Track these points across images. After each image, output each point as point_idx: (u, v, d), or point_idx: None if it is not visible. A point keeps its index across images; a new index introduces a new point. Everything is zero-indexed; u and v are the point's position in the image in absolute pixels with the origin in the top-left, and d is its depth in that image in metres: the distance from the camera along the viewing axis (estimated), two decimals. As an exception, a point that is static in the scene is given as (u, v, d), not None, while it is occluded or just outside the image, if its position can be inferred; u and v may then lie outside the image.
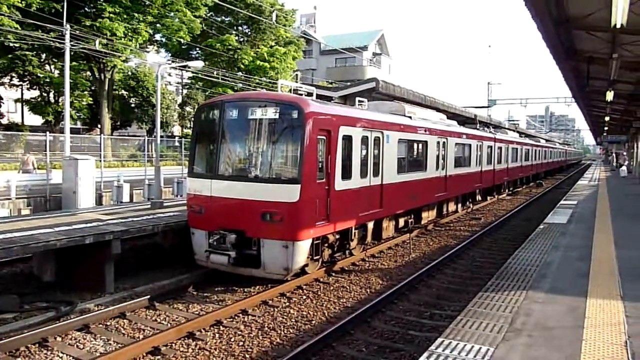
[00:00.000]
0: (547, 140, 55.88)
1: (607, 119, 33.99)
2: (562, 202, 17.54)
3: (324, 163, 9.85)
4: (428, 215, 16.45)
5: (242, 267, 9.61)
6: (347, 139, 10.61)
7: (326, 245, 10.50)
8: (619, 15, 8.45)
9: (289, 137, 9.60)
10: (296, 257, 9.25)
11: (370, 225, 12.23)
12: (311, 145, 9.38)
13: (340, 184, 10.28)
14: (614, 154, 55.29)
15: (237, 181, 9.76)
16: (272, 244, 9.29)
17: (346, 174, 10.56)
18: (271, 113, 9.63)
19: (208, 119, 10.59)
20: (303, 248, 9.37)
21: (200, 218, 10.11)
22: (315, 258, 10.01)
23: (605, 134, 49.68)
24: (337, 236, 10.84)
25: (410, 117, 14.73)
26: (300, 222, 9.24)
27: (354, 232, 11.42)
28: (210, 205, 9.92)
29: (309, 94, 11.47)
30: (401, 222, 14.32)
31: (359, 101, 13.04)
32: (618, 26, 8.94)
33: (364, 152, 11.40)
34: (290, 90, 11.69)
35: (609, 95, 18.56)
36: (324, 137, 9.83)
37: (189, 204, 10.53)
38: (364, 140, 11.41)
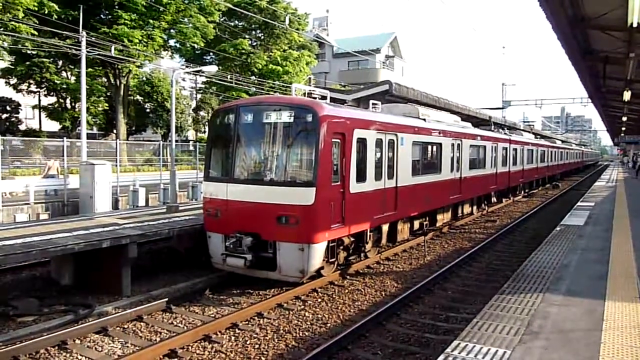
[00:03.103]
0: (563, 142, 55.20)
1: (624, 119, 33.50)
2: (579, 203, 17.32)
3: (338, 166, 9.88)
4: (443, 218, 16.38)
5: (258, 270, 9.69)
6: (362, 142, 10.63)
7: (341, 248, 10.52)
8: (636, 14, 8.36)
9: (304, 140, 9.63)
10: (312, 260, 9.29)
11: (385, 227, 12.22)
12: (326, 149, 9.42)
13: (355, 187, 10.30)
14: (631, 153, 54.36)
15: (252, 185, 9.85)
16: (287, 246, 9.35)
17: (361, 177, 10.58)
18: (286, 117, 9.70)
19: (223, 124, 10.70)
20: (318, 251, 9.41)
21: (216, 221, 10.21)
22: (330, 261, 10.05)
23: (622, 134, 48.93)
24: (352, 239, 10.85)
25: (424, 120, 14.71)
26: (315, 225, 9.28)
27: (369, 235, 11.43)
28: (227, 209, 10.01)
29: (323, 97, 11.52)
30: (416, 224, 14.29)
31: (373, 104, 13.06)
32: (634, 25, 8.85)
33: (378, 154, 11.40)
34: (304, 94, 11.75)
35: (626, 95, 18.30)
36: (339, 140, 9.86)
37: (205, 208, 10.63)
38: (378, 143, 11.41)
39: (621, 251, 8.99)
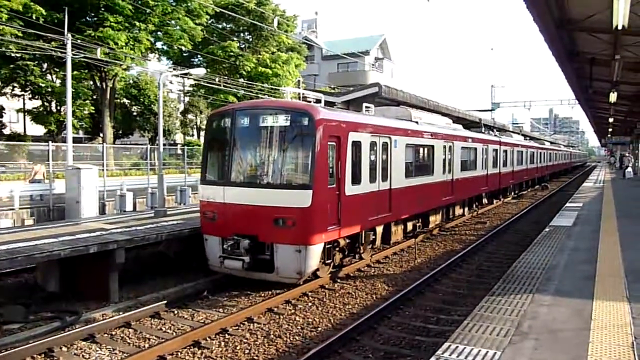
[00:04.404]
0: (551, 143, 55.81)
1: (611, 120, 33.94)
2: (567, 204, 17.52)
3: (334, 169, 10.06)
4: (435, 219, 16.53)
5: (256, 272, 9.78)
6: (356, 145, 10.81)
7: (337, 249, 10.65)
8: (620, 16, 8.51)
9: (300, 143, 9.80)
10: (309, 261, 9.42)
11: (380, 229, 12.38)
12: (322, 152, 9.57)
13: (350, 189, 10.48)
14: (618, 154, 55.14)
15: (249, 188, 9.98)
16: (285, 248, 9.46)
17: (356, 179, 10.76)
18: (282, 120, 9.87)
19: (220, 128, 10.83)
20: (315, 252, 9.54)
21: (213, 224, 10.29)
22: (326, 262, 10.19)
23: (609, 135, 49.59)
24: (348, 240, 10.98)
25: (416, 122, 14.92)
26: (312, 227, 9.42)
27: (364, 237, 11.55)
28: (224, 212, 10.11)
29: (318, 101, 11.63)
30: (409, 226, 14.42)
31: (366, 107, 13.18)
32: (620, 28, 9.00)
33: (372, 157, 11.59)
34: (299, 97, 11.85)
35: (612, 97, 18.58)
36: (334, 143, 10.04)
37: (202, 211, 10.73)
38: (373, 146, 11.60)
39: (609, 251, 9.13)
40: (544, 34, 11.90)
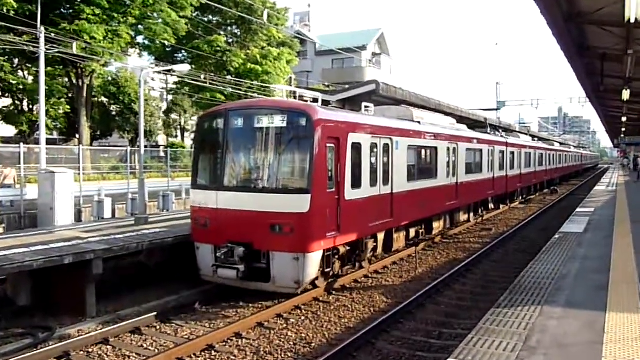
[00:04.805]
0: (561, 144, 56.16)
1: (624, 119, 34.18)
2: (578, 209, 17.62)
3: (333, 172, 10.09)
4: (439, 225, 16.56)
5: (252, 282, 9.79)
6: (356, 147, 10.87)
7: (336, 257, 10.65)
8: (633, 9, 8.59)
9: (298, 145, 9.86)
10: (307, 270, 9.44)
11: (381, 236, 12.42)
12: (321, 154, 9.61)
13: (350, 193, 10.51)
14: (632, 155, 55.54)
15: (244, 192, 10.01)
16: (282, 256, 9.48)
17: (356, 183, 10.81)
18: (278, 121, 9.91)
19: (212, 129, 10.88)
20: (314, 260, 9.56)
21: (205, 232, 10.30)
22: (326, 271, 10.19)
23: (622, 135, 49.92)
24: (347, 248, 10.99)
25: (419, 122, 14.97)
26: (311, 233, 9.45)
27: (365, 243, 11.57)
28: (217, 218, 10.13)
29: (315, 100, 11.65)
30: (412, 232, 14.44)
31: (365, 106, 13.23)
32: (632, 21, 9.08)
33: (373, 159, 11.65)
34: (294, 96, 11.87)
35: (625, 94, 18.71)
36: (333, 145, 10.09)
37: (193, 217, 10.75)
38: (373, 148, 11.67)
39: (622, 258, 9.18)
40: (552, 27, 11.98)
